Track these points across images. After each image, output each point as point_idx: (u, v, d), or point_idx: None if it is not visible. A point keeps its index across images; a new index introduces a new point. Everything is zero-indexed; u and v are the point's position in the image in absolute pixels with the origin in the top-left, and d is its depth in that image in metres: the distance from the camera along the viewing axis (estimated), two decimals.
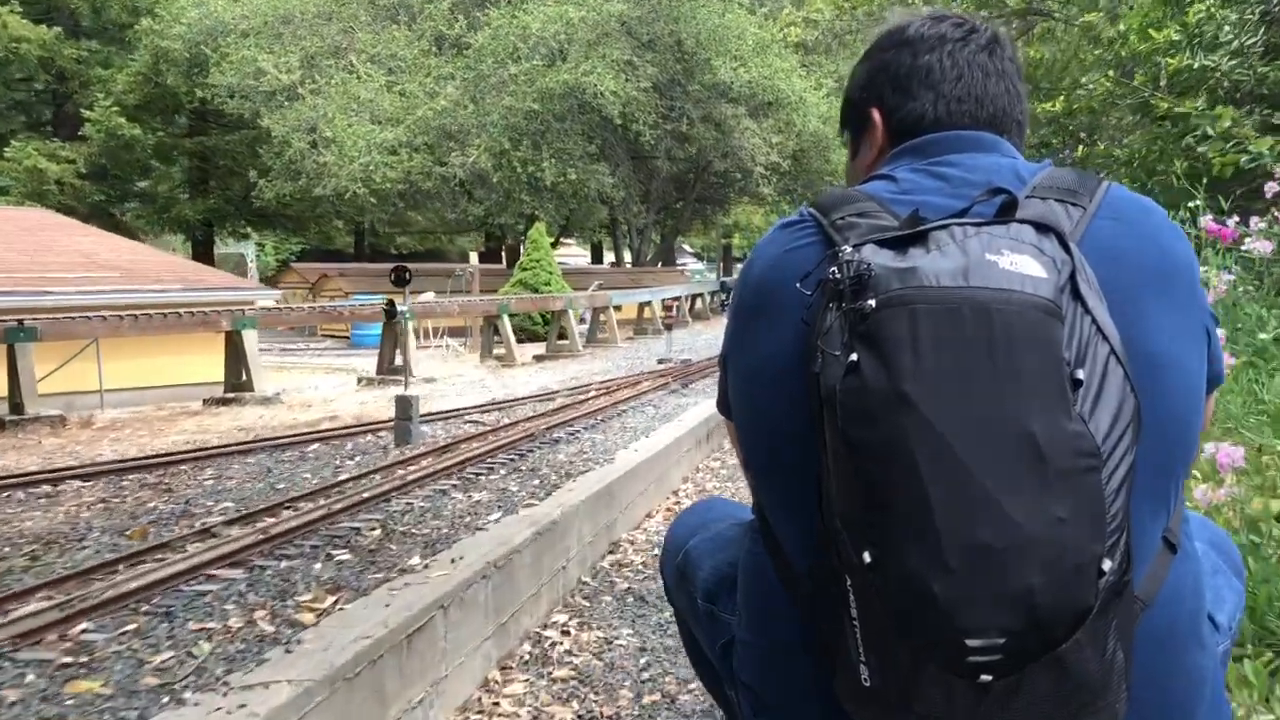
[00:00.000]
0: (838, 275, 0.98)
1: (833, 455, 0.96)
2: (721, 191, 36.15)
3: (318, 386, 14.21)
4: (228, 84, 25.96)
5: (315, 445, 8.04)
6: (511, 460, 7.01)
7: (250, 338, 12.37)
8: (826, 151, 31.20)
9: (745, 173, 28.80)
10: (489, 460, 6.94)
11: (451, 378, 14.64)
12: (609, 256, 48.78)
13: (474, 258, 35.06)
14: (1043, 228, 0.99)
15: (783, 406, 1.11)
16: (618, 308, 22.88)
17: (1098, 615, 0.90)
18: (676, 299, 26.01)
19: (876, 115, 1.31)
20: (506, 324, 15.89)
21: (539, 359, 17.55)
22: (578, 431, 8.21)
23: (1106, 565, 0.90)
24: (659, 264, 35.27)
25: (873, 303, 0.94)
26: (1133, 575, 0.96)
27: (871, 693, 0.97)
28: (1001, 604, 0.87)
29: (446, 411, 9.76)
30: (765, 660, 1.22)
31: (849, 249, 1.00)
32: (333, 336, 25.11)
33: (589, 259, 50.31)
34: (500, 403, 10.66)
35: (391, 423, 8.37)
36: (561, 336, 18.16)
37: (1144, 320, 1.05)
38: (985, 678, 0.89)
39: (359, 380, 14.28)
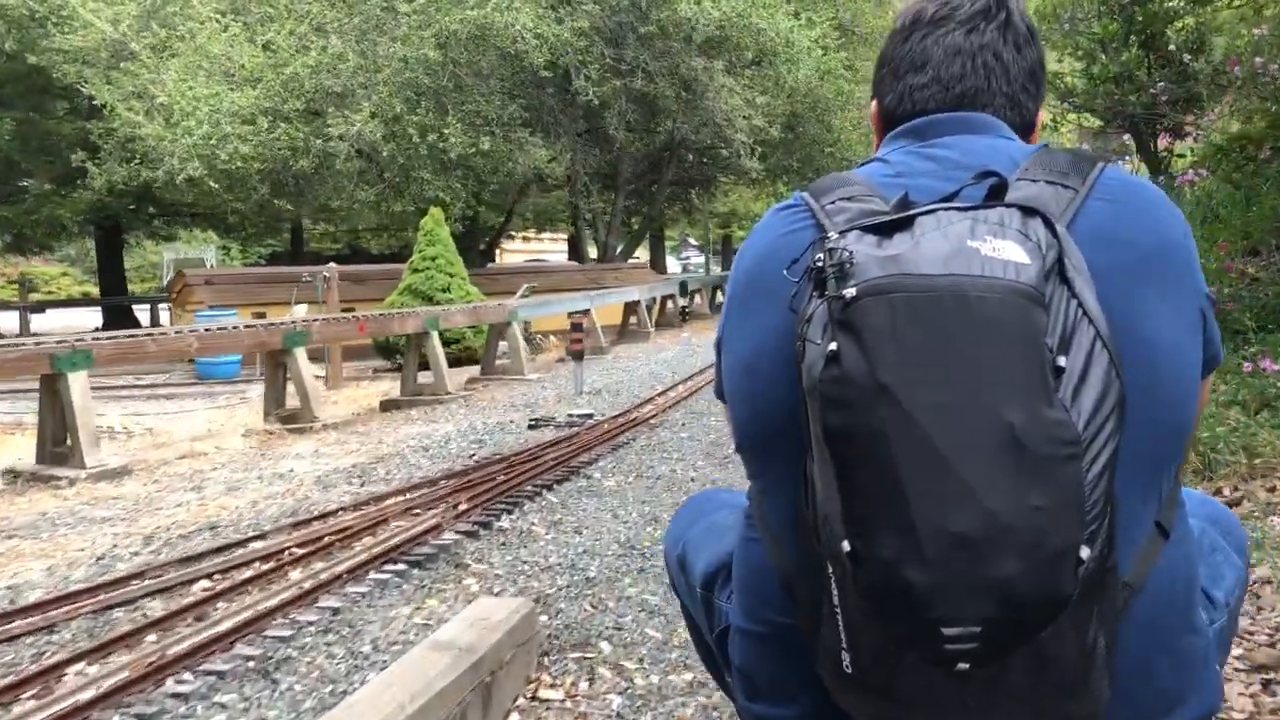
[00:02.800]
0: (822, 262, 0.95)
1: (814, 443, 0.93)
2: (705, 171, 29.67)
3: None
4: (71, 48, 19.78)
5: None
6: None
7: None
8: (826, 115, 24.66)
9: (726, 142, 22.32)
10: None
11: (181, 461, 8.34)
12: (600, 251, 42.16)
13: (406, 254, 28.58)
14: (1029, 211, 0.95)
15: (773, 393, 1.09)
16: (586, 311, 16.49)
17: (1078, 603, 0.87)
18: (636, 304, 19.61)
19: (874, 106, 1.30)
20: (299, 363, 9.54)
21: (387, 408, 11.24)
22: None
23: (1085, 553, 0.86)
24: (634, 258, 28.86)
25: (853, 291, 0.90)
26: (1119, 561, 0.94)
27: (852, 679, 0.96)
28: (978, 593, 0.84)
29: None
30: (757, 646, 1.18)
31: (834, 235, 0.97)
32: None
33: (568, 255, 43.84)
34: None
35: None
36: (427, 366, 11.83)
37: (1137, 304, 1.01)
38: (963, 666, 0.86)
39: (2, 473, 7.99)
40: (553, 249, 50.03)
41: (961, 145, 1.14)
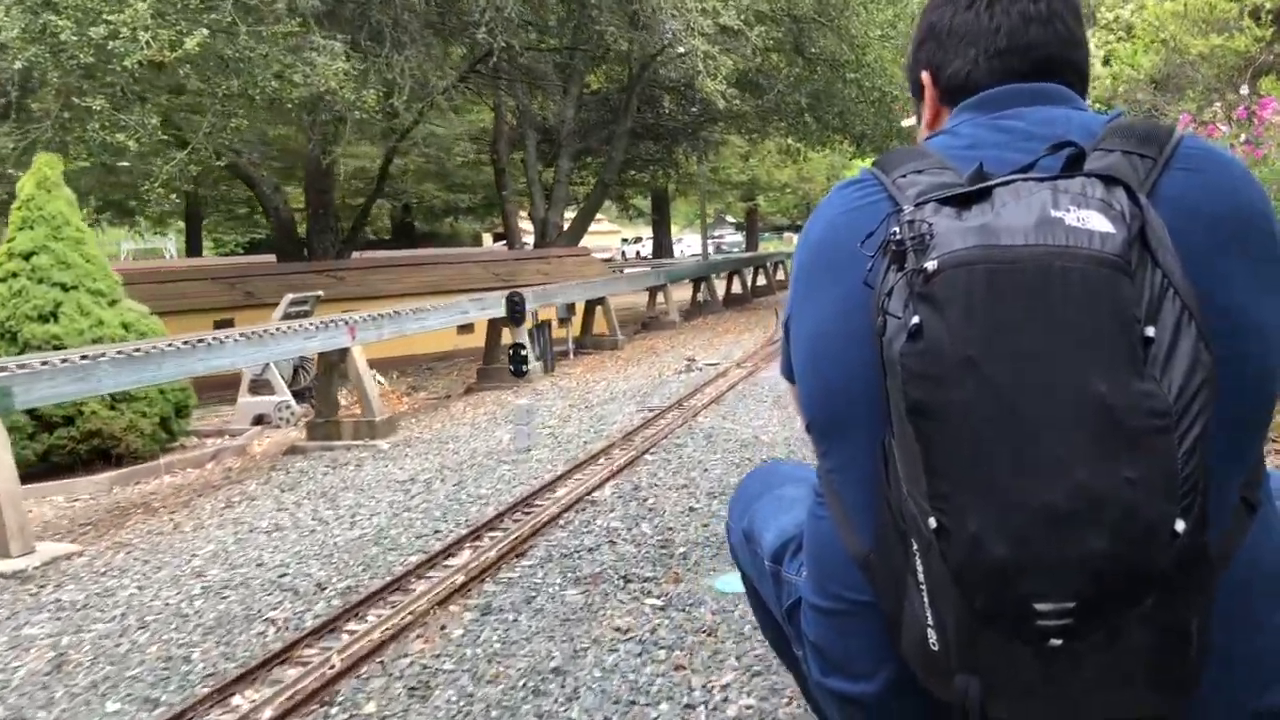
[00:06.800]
0: (899, 235, 0.90)
1: (896, 418, 0.89)
2: (689, 121, 21.00)
3: None
4: None
5: None
6: None
7: None
8: (842, 19, 15.78)
9: (681, 55, 13.66)
10: None
11: None
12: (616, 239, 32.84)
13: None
14: (1111, 180, 0.89)
15: (845, 369, 1.04)
16: (345, 351, 7.99)
17: (1171, 579, 0.82)
18: (546, 319, 11.09)
19: (927, 77, 1.20)
20: None
21: None
22: None
23: (1179, 526, 0.80)
24: (579, 242, 20.28)
25: (934, 263, 0.85)
26: (1209, 536, 0.86)
27: (938, 656, 0.90)
28: (1070, 568, 0.80)
29: None
30: (832, 621, 1.12)
31: (910, 208, 0.92)
32: None
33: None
34: None
35: None
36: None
37: (1219, 274, 0.94)
38: (1054, 642, 0.82)
39: None
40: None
41: (1032, 116, 1.06)
